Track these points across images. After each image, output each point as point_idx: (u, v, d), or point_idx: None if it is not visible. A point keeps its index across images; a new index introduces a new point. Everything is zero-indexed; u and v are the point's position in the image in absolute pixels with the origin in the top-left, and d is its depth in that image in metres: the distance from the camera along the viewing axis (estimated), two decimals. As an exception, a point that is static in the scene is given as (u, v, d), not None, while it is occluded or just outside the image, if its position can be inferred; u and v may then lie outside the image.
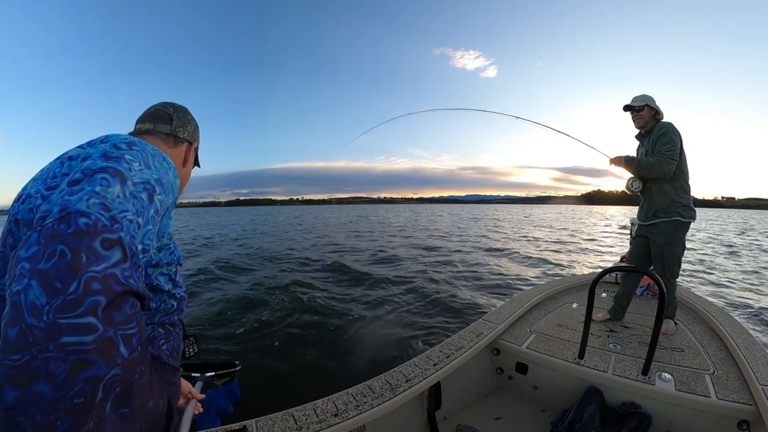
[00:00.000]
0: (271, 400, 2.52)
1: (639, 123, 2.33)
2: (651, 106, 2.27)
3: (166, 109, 0.86)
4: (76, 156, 0.61)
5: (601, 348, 2.00)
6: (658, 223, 2.24)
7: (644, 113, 2.28)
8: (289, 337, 3.72)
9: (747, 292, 5.85)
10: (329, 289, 5.75)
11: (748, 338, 1.95)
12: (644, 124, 2.31)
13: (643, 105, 2.27)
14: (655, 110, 2.29)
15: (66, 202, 0.47)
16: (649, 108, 2.27)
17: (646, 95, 2.30)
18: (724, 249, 11.95)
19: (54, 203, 0.48)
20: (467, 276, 6.89)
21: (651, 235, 2.30)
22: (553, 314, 2.54)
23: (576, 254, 10.41)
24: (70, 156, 0.61)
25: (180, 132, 0.87)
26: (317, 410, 1.38)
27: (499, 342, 2.10)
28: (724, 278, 7.05)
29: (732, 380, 1.62)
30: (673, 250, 2.21)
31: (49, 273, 0.41)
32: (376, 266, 7.90)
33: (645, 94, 2.30)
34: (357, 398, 1.47)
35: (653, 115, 2.30)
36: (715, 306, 2.60)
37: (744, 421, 1.42)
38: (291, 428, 1.28)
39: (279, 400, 2.53)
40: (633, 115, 2.34)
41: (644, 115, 2.29)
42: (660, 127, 2.23)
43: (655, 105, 2.28)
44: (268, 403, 1.55)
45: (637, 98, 2.31)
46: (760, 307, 4.91)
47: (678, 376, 1.65)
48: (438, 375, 1.68)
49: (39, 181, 0.60)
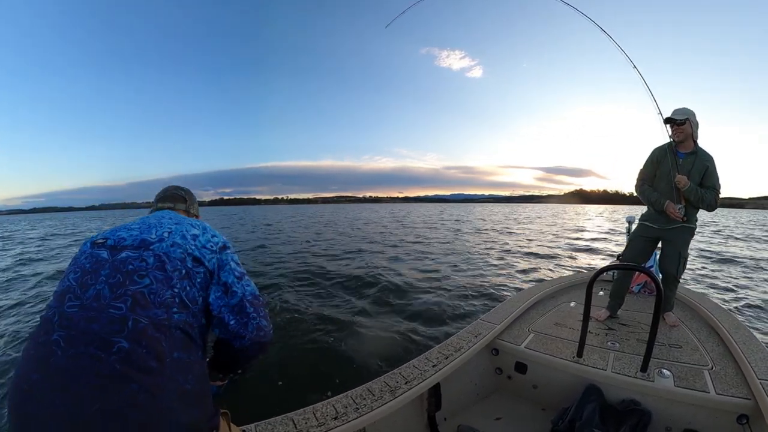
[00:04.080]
0: (270, 404, 2.51)
1: (680, 137, 2.28)
2: (692, 121, 2.25)
3: (179, 192, 1.21)
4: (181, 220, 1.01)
5: (599, 346, 2.01)
6: (681, 227, 2.32)
7: (685, 127, 2.25)
8: (287, 340, 3.70)
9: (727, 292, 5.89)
10: (322, 292, 5.72)
11: (745, 333, 1.96)
12: (684, 138, 2.28)
13: (685, 119, 2.24)
14: (693, 127, 2.27)
15: (224, 241, 0.99)
16: (689, 123, 2.25)
17: (687, 109, 2.27)
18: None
19: (218, 241, 0.97)
20: (467, 276, 6.89)
21: (671, 237, 2.36)
22: (551, 313, 2.55)
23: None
24: (177, 221, 0.98)
25: (191, 209, 1.22)
26: (317, 414, 1.38)
27: (498, 342, 2.10)
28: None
29: (730, 375, 1.63)
30: (686, 251, 2.36)
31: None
32: (371, 268, 7.89)
33: (686, 108, 2.27)
34: (357, 401, 1.46)
35: (691, 133, 2.28)
36: (712, 302, 2.62)
37: (743, 415, 1.42)
38: None
39: (278, 404, 2.52)
40: (674, 129, 2.29)
41: (685, 130, 2.25)
42: (707, 158, 2.27)
43: (695, 120, 2.26)
44: (268, 408, 1.54)
45: (679, 111, 2.28)
46: (755, 305, 4.94)
47: (677, 373, 1.66)
48: (437, 376, 1.68)
49: (155, 231, 0.92)
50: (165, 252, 0.84)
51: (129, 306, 0.73)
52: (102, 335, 0.69)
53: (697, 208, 2.30)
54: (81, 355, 0.67)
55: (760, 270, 7.58)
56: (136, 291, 0.75)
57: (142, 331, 0.71)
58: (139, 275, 0.78)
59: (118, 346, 0.68)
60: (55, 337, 0.69)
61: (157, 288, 0.77)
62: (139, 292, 0.75)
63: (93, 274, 0.78)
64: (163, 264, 0.81)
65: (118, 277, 0.77)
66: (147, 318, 0.73)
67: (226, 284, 0.89)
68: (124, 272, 0.78)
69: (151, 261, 0.81)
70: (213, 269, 0.89)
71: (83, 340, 0.68)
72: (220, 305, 0.86)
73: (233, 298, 0.88)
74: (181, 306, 0.79)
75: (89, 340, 0.68)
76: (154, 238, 0.87)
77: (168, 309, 0.76)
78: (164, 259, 0.82)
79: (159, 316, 0.74)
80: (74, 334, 0.69)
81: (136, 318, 0.72)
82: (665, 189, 2.34)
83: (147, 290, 0.76)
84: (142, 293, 0.75)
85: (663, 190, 2.36)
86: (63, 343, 0.68)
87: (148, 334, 0.71)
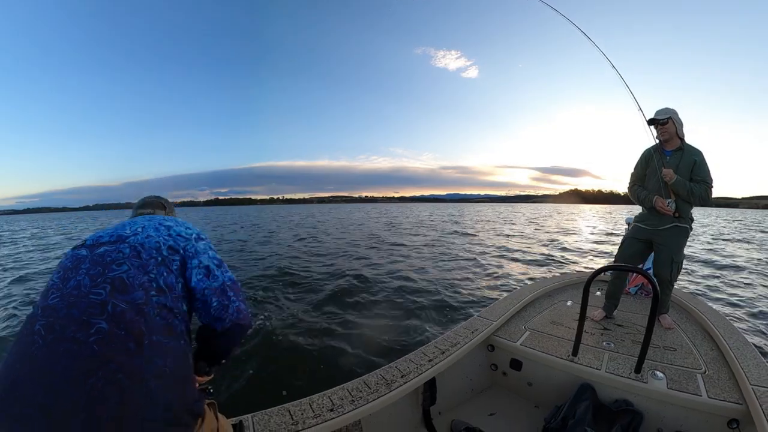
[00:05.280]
0: (267, 396, 2.53)
1: (665, 136, 2.32)
2: (675, 119, 2.27)
3: (159, 200, 1.26)
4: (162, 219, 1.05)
5: (594, 346, 2.02)
6: (672, 228, 2.30)
7: (669, 126, 2.28)
8: (284, 334, 3.72)
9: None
10: (321, 287, 5.74)
11: (739, 339, 1.97)
12: (670, 137, 2.31)
13: (667, 118, 2.27)
14: (677, 126, 2.28)
15: (198, 231, 1.04)
16: (672, 121, 2.27)
17: (669, 108, 2.30)
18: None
19: (191, 232, 1.01)
20: (467, 273, 6.92)
21: (663, 240, 2.34)
22: (548, 312, 2.56)
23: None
24: (160, 222, 1.02)
25: (170, 215, 1.25)
26: (313, 405, 1.39)
27: (494, 338, 2.11)
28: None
29: (723, 380, 1.64)
30: (680, 255, 2.35)
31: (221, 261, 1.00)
32: (369, 261, 7.91)
33: (668, 108, 2.30)
34: (353, 393, 1.47)
35: (675, 131, 2.30)
36: (708, 306, 2.63)
37: (734, 420, 1.44)
38: (287, 423, 1.28)
39: (275, 396, 2.55)
40: (659, 129, 2.32)
41: (669, 129, 2.28)
42: (695, 152, 2.27)
43: (678, 118, 2.28)
44: (265, 399, 1.55)
45: (661, 111, 2.30)
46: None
47: (670, 375, 1.67)
48: (433, 371, 1.69)
49: (130, 228, 0.96)
50: (140, 242, 0.89)
51: (108, 291, 0.76)
52: (82, 318, 0.72)
53: (690, 203, 2.29)
54: (60, 339, 0.69)
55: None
56: (115, 276, 0.79)
57: (121, 314, 0.74)
58: (117, 264, 0.83)
59: (96, 327, 0.70)
60: (37, 327, 0.72)
61: (134, 273, 0.82)
62: (118, 277, 0.79)
63: (73, 269, 0.83)
64: (138, 253, 0.86)
65: (98, 269, 0.81)
66: (126, 302, 0.76)
67: (208, 267, 0.94)
68: (102, 264, 0.82)
69: (127, 251, 0.86)
70: (189, 256, 0.94)
71: (62, 324, 0.71)
72: (203, 287, 0.91)
73: (215, 281, 0.93)
74: (158, 291, 0.83)
75: (68, 323, 0.71)
76: (129, 232, 0.93)
77: (146, 292, 0.80)
78: (139, 249, 0.88)
79: (138, 299, 0.77)
80: (53, 321, 0.72)
81: (115, 302, 0.75)
82: (654, 187, 2.37)
83: (126, 275, 0.80)
84: (120, 278, 0.79)
85: (652, 187, 2.38)
86: (44, 332, 0.71)
87: (127, 317, 0.74)
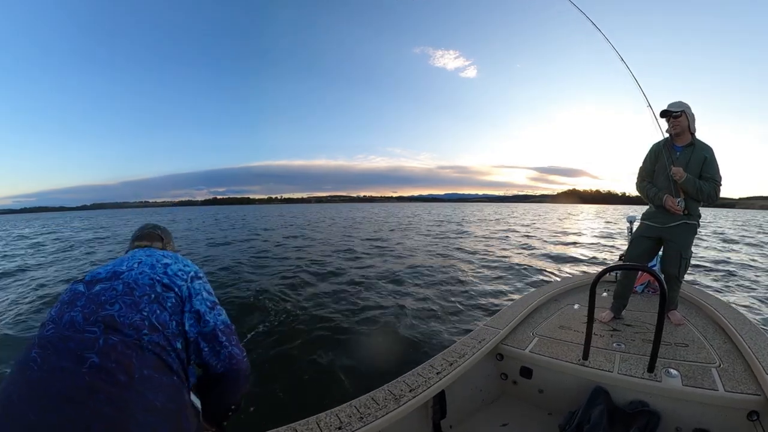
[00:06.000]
0: (272, 414, 2.47)
1: (676, 129, 2.28)
2: (688, 113, 2.26)
3: (155, 231, 1.27)
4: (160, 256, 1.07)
5: (605, 348, 1.98)
6: (682, 225, 2.28)
7: (682, 120, 2.25)
8: (287, 348, 3.66)
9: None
10: (322, 296, 5.67)
11: (752, 329, 1.94)
12: (682, 131, 2.28)
13: (680, 111, 2.25)
14: (689, 120, 2.27)
15: (195, 269, 1.06)
16: (685, 115, 2.26)
17: (682, 102, 2.28)
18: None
19: (189, 270, 1.03)
20: (472, 277, 6.85)
21: (672, 237, 2.32)
22: (555, 316, 2.53)
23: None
24: (157, 259, 1.04)
25: (167, 247, 1.27)
26: (320, 423, 1.36)
27: (502, 347, 2.08)
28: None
29: (739, 372, 1.60)
30: (688, 251, 2.33)
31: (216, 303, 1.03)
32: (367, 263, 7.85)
33: (681, 101, 2.29)
34: (361, 410, 1.44)
35: (688, 125, 2.29)
36: (716, 298, 2.59)
37: (753, 411, 1.40)
38: None
39: (281, 415, 2.48)
40: (671, 122, 2.30)
41: (682, 122, 2.26)
42: (705, 149, 2.26)
43: (690, 112, 2.27)
44: (270, 418, 1.52)
45: (674, 104, 2.29)
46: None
47: (684, 372, 1.63)
48: (442, 383, 1.66)
49: (125, 264, 0.99)
50: (133, 279, 0.91)
51: (102, 329, 0.79)
52: (76, 352, 0.74)
53: (698, 201, 2.28)
54: (55, 369, 0.71)
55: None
56: (107, 315, 0.82)
57: (113, 347, 0.76)
58: (109, 303, 0.85)
59: (90, 362, 0.73)
60: (33, 354, 0.75)
61: (125, 312, 0.84)
62: (109, 316, 0.82)
63: (69, 305, 0.85)
64: (131, 290, 0.88)
65: (91, 307, 0.84)
66: (117, 338, 0.78)
67: (199, 312, 0.95)
68: (97, 303, 0.85)
69: (120, 288, 0.88)
70: (184, 296, 0.95)
71: (58, 356, 0.74)
72: (195, 332, 0.93)
73: (206, 327, 0.94)
74: (151, 328, 0.84)
75: (64, 356, 0.74)
76: (124, 268, 0.95)
77: (138, 330, 0.82)
78: (132, 286, 0.89)
79: (129, 337, 0.80)
80: (50, 352, 0.75)
81: (107, 337, 0.78)
82: (663, 183, 2.34)
83: (117, 314, 0.83)
84: (111, 317, 0.82)
85: (661, 184, 2.36)
86: (39, 359, 0.73)
87: (118, 350, 0.76)
